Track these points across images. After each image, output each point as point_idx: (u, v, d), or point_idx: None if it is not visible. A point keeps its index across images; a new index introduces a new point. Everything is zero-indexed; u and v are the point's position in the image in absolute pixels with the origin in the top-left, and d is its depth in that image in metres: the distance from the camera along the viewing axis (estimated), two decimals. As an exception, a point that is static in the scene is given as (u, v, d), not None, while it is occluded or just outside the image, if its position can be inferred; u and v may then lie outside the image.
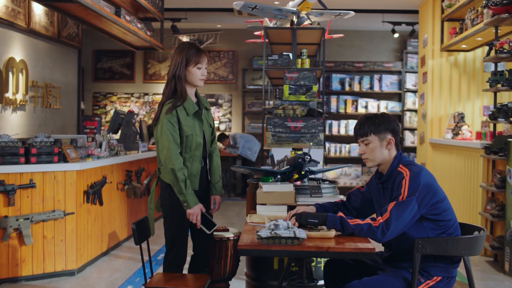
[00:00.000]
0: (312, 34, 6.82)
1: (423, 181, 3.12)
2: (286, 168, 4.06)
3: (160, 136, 3.80)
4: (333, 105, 12.16)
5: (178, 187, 3.74)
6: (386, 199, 3.30)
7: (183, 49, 3.92)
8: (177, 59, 3.89)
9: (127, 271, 5.85)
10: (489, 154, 6.27)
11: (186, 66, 3.89)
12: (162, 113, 3.81)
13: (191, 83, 3.95)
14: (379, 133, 3.32)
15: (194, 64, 3.91)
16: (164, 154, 3.77)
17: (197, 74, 3.94)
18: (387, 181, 3.33)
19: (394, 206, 3.08)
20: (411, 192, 3.09)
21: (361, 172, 12.11)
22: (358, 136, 3.40)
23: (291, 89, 5.50)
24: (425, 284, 3.16)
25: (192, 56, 3.90)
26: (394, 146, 3.34)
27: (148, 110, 12.91)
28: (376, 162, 3.36)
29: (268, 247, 2.88)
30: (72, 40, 10.24)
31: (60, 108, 9.81)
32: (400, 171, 3.23)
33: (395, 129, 3.35)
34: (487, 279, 5.66)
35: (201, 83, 3.97)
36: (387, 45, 12.66)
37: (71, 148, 5.77)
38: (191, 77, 3.93)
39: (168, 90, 3.90)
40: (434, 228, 3.18)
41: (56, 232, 5.54)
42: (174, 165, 3.71)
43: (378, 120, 3.34)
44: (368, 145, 3.34)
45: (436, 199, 3.15)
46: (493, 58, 6.43)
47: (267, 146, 5.45)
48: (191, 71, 3.91)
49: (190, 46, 3.94)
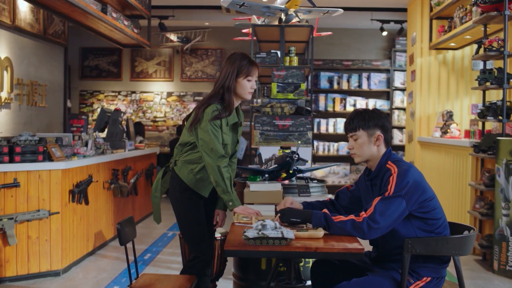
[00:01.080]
0: (301, 32, 6.79)
1: (411, 178, 3.08)
2: (274, 167, 4.01)
3: (205, 136, 3.62)
4: (321, 103, 12.12)
5: (224, 186, 3.57)
6: (374, 196, 3.24)
7: (235, 60, 3.77)
8: (228, 69, 3.75)
9: (113, 271, 5.77)
10: (478, 152, 6.25)
11: (237, 77, 3.75)
12: (205, 115, 3.64)
13: (240, 95, 3.80)
14: (368, 128, 3.27)
15: (245, 76, 3.75)
16: (208, 155, 3.60)
17: (247, 86, 3.78)
18: (375, 177, 3.28)
19: (379, 201, 3.04)
20: (398, 189, 3.04)
21: (350, 170, 12.09)
22: (347, 131, 3.36)
23: (279, 87, 5.46)
24: (415, 285, 3.12)
25: (243, 67, 3.74)
26: (383, 142, 3.29)
27: (135, 108, 12.82)
28: (363, 157, 3.32)
29: (255, 248, 2.82)
30: (58, 37, 10.13)
31: (46, 106, 9.70)
32: (388, 167, 3.19)
33: (385, 126, 3.30)
34: (475, 278, 5.64)
35: (249, 96, 3.83)
36: (376, 43, 12.63)
37: (56, 147, 5.69)
38: (240, 89, 3.77)
39: (215, 97, 3.73)
40: (422, 226, 3.13)
41: (41, 232, 5.45)
42: (221, 163, 3.57)
43: (368, 115, 3.29)
44: (357, 141, 3.30)
45: (425, 197, 3.10)
46: (482, 56, 6.41)
47: (255, 144, 5.41)
48: (240, 83, 3.76)
49: (242, 57, 3.79)
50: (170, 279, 3.74)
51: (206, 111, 3.65)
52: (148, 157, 8.91)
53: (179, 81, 12.81)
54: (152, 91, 12.87)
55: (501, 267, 5.72)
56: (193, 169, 3.73)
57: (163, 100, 12.84)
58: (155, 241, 7.18)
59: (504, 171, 5.69)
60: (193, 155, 3.75)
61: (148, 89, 12.88)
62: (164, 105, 12.84)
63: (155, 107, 12.84)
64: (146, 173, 8.70)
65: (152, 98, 12.86)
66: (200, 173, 3.72)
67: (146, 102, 12.86)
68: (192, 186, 3.72)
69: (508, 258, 5.65)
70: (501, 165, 5.74)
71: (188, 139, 3.77)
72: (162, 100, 12.84)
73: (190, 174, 3.73)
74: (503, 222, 5.70)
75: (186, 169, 3.74)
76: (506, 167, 5.67)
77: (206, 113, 3.65)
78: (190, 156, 3.76)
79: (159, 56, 12.83)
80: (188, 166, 3.74)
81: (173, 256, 6.38)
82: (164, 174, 4.00)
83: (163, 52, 12.81)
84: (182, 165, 3.76)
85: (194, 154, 3.75)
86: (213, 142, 3.59)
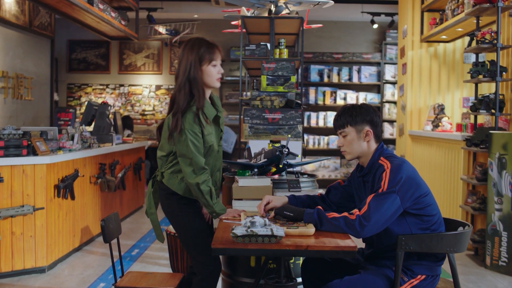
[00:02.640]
0: (291, 24, 6.68)
1: (405, 174, 2.98)
2: (263, 161, 3.91)
3: (182, 148, 3.32)
4: (311, 96, 12.03)
5: (204, 201, 3.33)
6: (367, 192, 3.15)
7: (193, 47, 3.41)
8: (189, 58, 3.38)
9: (99, 268, 5.66)
10: (470, 146, 6.18)
11: (200, 65, 3.40)
12: (185, 123, 3.31)
13: (208, 84, 3.45)
14: (355, 124, 3.17)
15: (209, 62, 3.41)
16: (187, 168, 3.32)
17: (214, 72, 3.44)
18: (367, 174, 3.18)
19: (372, 198, 2.93)
20: (391, 185, 2.94)
21: (340, 164, 12.02)
22: (336, 128, 3.28)
23: (268, 79, 5.35)
24: (409, 283, 3.02)
25: (205, 53, 3.40)
26: (373, 138, 3.19)
27: (123, 101, 12.68)
28: (354, 154, 3.22)
29: (244, 246, 2.71)
30: (45, 29, 9.96)
31: (32, 99, 9.54)
32: (381, 163, 3.09)
33: (374, 120, 3.19)
34: (468, 274, 5.57)
35: (218, 83, 3.50)
36: (366, 36, 12.54)
37: (41, 141, 5.56)
38: (208, 78, 3.42)
39: (184, 96, 3.37)
40: (417, 223, 3.04)
41: (25, 228, 5.33)
42: (199, 179, 3.29)
43: (355, 111, 3.19)
44: (346, 137, 3.21)
45: (419, 193, 3.00)
46: (475, 49, 6.32)
47: (244, 138, 5.30)
48: (206, 71, 3.41)
49: (200, 42, 3.44)
50: (156, 277, 3.64)
51: (185, 121, 3.33)
52: (136, 151, 8.78)
53: (168, 74, 12.68)
54: (141, 84, 12.73)
55: (494, 262, 5.65)
56: (183, 178, 3.43)
57: (151, 93, 12.71)
58: (143, 237, 7.07)
59: (497, 165, 5.62)
60: (179, 165, 3.44)
61: (137, 82, 12.74)
62: (153, 98, 12.71)
63: (143, 101, 12.70)
64: (134, 167, 8.57)
65: (141, 91, 12.72)
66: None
67: (135, 95, 12.73)
68: (187, 194, 3.44)
69: (500, 253, 5.58)
70: (494, 159, 5.66)
71: (170, 149, 3.48)
72: (151, 93, 12.71)
73: (181, 183, 3.44)
74: (496, 217, 5.63)
75: (175, 179, 3.46)
76: (499, 161, 5.60)
77: (185, 122, 3.33)
78: (177, 166, 3.45)
79: (148, 48, 12.69)
80: (178, 175, 3.45)
81: (161, 251, 6.27)
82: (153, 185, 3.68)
83: (151, 45, 12.67)
84: (170, 176, 3.47)
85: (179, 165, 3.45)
86: (193, 153, 3.30)
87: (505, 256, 5.55)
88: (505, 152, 5.57)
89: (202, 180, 3.30)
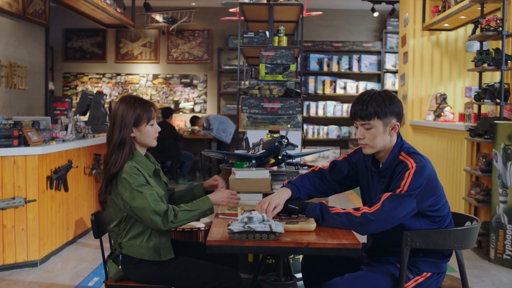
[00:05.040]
0: (290, 11, 6.53)
1: (427, 178, 2.75)
2: (261, 152, 3.76)
3: (137, 200, 3.03)
4: (311, 86, 11.88)
5: (192, 218, 3.08)
6: (381, 188, 2.92)
7: (128, 108, 3.18)
8: (124, 119, 3.16)
9: (94, 261, 5.52)
10: (474, 136, 6.02)
11: (138, 126, 3.19)
12: (125, 180, 3.07)
13: (145, 144, 3.27)
14: (385, 117, 2.85)
15: (147, 122, 3.22)
16: (152, 218, 3.00)
17: (151, 132, 3.25)
18: (386, 169, 2.92)
19: (388, 197, 2.71)
20: (412, 188, 2.71)
21: (339, 154, 11.88)
22: (359, 118, 2.89)
23: (267, 68, 5.19)
24: (414, 281, 2.87)
25: (142, 113, 3.19)
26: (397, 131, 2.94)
27: (120, 91, 12.51)
28: (376, 149, 2.92)
29: (241, 243, 2.55)
30: (39, 17, 9.77)
31: (26, 88, 9.37)
32: (403, 160, 2.84)
33: (401, 113, 2.88)
34: (471, 267, 5.43)
35: (155, 142, 3.28)
36: (367, 24, 12.37)
37: (33, 131, 5.40)
38: (146, 138, 3.24)
39: (118, 159, 3.13)
40: (429, 223, 2.86)
41: (16, 220, 5.17)
42: (169, 222, 3.00)
43: (384, 102, 2.85)
44: (370, 130, 2.87)
45: (436, 196, 2.81)
46: (479, 36, 6.16)
47: (242, 128, 5.15)
48: (144, 131, 3.22)
49: (134, 101, 3.22)
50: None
51: (123, 176, 3.08)
52: (133, 141, 8.61)
53: (165, 63, 12.51)
54: (138, 73, 12.56)
55: (498, 256, 5.51)
56: (143, 240, 3.15)
57: (149, 83, 12.54)
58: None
59: (502, 156, 5.47)
60: (136, 228, 3.16)
61: (134, 71, 12.57)
62: (150, 87, 12.54)
63: (140, 90, 12.54)
64: (130, 157, 8.41)
65: (138, 81, 12.55)
66: (152, 240, 3.16)
67: (132, 84, 12.56)
68: (148, 257, 3.14)
69: (505, 247, 5.44)
70: (499, 150, 5.51)
71: (122, 215, 3.17)
72: (148, 82, 12.54)
73: (141, 246, 3.15)
74: (500, 209, 5.49)
75: (135, 246, 3.16)
76: (504, 152, 5.45)
77: (124, 178, 3.07)
78: (134, 230, 3.17)
79: (145, 37, 12.51)
80: (136, 240, 3.16)
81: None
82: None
83: (148, 33, 12.49)
84: (129, 244, 3.17)
85: (136, 226, 3.16)
86: (152, 202, 3.01)
87: (509, 249, 5.41)
88: (510, 142, 5.41)
89: (171, 218, 3.01)
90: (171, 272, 3.13)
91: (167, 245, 3.18)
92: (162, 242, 3.16)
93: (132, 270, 3.20)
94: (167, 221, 3.00)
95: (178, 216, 3.02)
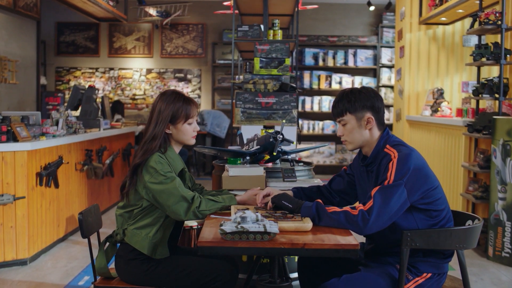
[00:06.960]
0: (285, 4, 6.44)
1: (413, 164, 2.71)
2: (256, 148, 3.66)
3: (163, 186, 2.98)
4: (306, 80, 11.76)
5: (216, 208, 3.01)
6: (371, 183, 2.89)
7: (168, 102, 3.13)
8: (162, 114, 3.11)
9: (84, 259, 5.41)
10: (472, 132, 5.93)
11: (175, 123, 3.14)
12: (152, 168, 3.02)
13: (181, 142, 3.20)
14: (355, 111, 2.89)
15: (184, 120, 3.14)
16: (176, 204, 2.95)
17: (189, 131, 3.18)
18: (372, 163, 2.91)
19: (378, 191, 2.67)
20: (398, 176, 2.67)
21: (335, 150, 11.79)
22: (334, 116, 2.99)
23: (262, 62, 5.09)
24: (414, 282, 2.78)
25: (181, 110, 3.12)
26: (376, 125, 2.91)
27: (113, 85, 12.37)
28: (356, 144, 2.94)
29: (234, 244, 2.43)
30: (30, 10, 9.61)
31: (17, 83, 9.22)
32: (387, 152, 2.81)
33: (375, 106, 2.89)
34: (470, 265, 5.33)
35: (193, 140, 3.21)
36: (362, 18, 12.25)
37: (22, 126, 5.27)
38: (182, 136, 3.17)
39: (149, 151, 3.08)
40: (425, 218, 2.78)
41: (5, 218, 5.05)
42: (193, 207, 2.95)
43: (354, 96, 2.90)
44: (346, 126, 2.93)
45: (428, 186, 2.74)
46: (478, 30, 6.06)
47: (236, 123, 5.05)
48: (181, 129, 3.15)
49: (176, 96, 3.15)
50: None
51: (150, 165, 3.02)
52: (126, 137, 8.50)
53: (159, 57, 12.37)
54: (131, 67, 12.41)
55: (497, 253, 5.42)
56: (148, 233, 3.07)
57: (142, 77, 12.40)
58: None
59: (501, 152, 5.37)
60: (147, 219, 3.09)
61: (127, 66, 12.43)
62: (144, 82, 12.40)
63: (134, 84, 12.40)
64: (123, 153, 8.30)
65: (131, 75, 12.41)
66: (156, 236, 3.08)
67: (125, 79, 12.42)
68: (146, 251, 3.05)
69: (504, 244, 5.35)
70: (498, 145, 5.41)
71: (137, 202, 3.12)
72: (142, 77, 12.40)
73: (145, 240, 3.06)
74: (499, 206, 5.40)
75: (139, 236, 3.07)
76: (503, 148, 5.35)
77: (151, 167, 3.02)
78: (144, 220, 3.10)
79: (138, 31, 12.36)
80: (142, 231, 3.08)
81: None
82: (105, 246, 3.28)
83: (142, 27, 12.34)
84: (133, 233, 3.09)
85: (148, 217, 3.10)
86: (180, 187, 2.98)
87: (508, 247, 5.32)
88: (509, 138, 5.32)
89: (197, 204, 2.96)
90: (161, 273, 3.04)
91: (164, 244, 3.10)
92: (163, 240, 3.09)
93: (121, 265, 3.12)
94: (190, 208, 2.95)
95: (202, 205, 2.97)
